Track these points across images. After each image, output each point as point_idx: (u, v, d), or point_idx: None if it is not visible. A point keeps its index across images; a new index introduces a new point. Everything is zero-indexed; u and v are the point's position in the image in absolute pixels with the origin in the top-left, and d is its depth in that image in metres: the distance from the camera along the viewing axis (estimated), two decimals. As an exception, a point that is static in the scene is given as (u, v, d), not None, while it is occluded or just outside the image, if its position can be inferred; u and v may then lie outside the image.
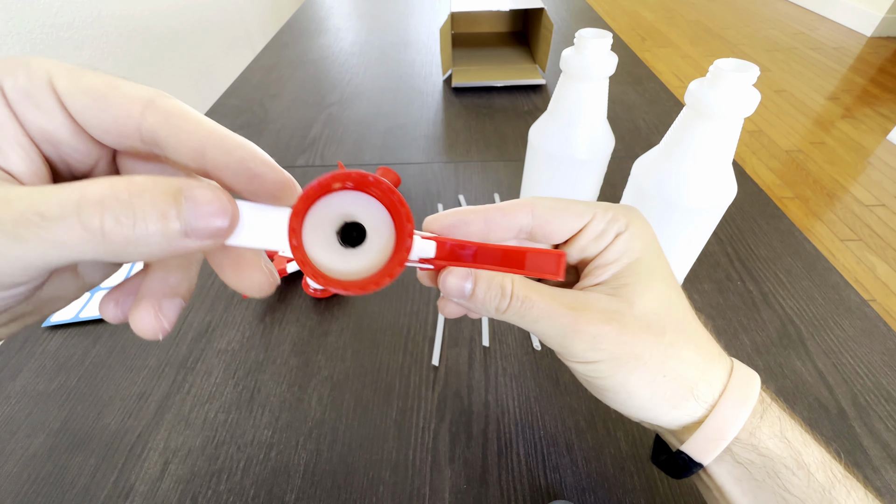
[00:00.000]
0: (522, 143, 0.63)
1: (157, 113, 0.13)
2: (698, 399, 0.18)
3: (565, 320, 0.18)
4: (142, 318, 0.15)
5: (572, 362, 0.19)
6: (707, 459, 0.19)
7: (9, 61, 0.13)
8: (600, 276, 0.19)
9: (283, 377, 0.36)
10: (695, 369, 0.18)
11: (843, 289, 0.42)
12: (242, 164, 0.14)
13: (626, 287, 0.18)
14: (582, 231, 0.19)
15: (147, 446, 0.33)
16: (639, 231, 0.19)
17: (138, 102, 0.13)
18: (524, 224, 0.19)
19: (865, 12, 2.57)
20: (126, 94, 0.13)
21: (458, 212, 0.18)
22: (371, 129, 0.67)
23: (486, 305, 0.18)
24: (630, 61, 0.83)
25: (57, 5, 0.93)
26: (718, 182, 0.32)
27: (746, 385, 0.19)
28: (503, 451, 0.32)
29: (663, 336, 0.18)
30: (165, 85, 1.26)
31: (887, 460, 0.31)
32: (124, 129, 0.13)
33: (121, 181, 0.11)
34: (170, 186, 0.11)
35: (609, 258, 0.19)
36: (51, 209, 0.10)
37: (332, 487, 0.30)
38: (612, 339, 0.18)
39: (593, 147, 0.38)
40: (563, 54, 0.35)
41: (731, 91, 0.28)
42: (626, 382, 0.18)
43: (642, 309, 0.18)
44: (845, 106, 2.00)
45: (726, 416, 0.18)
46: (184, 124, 0.13)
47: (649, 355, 0.18)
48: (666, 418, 0.19)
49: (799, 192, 1.56)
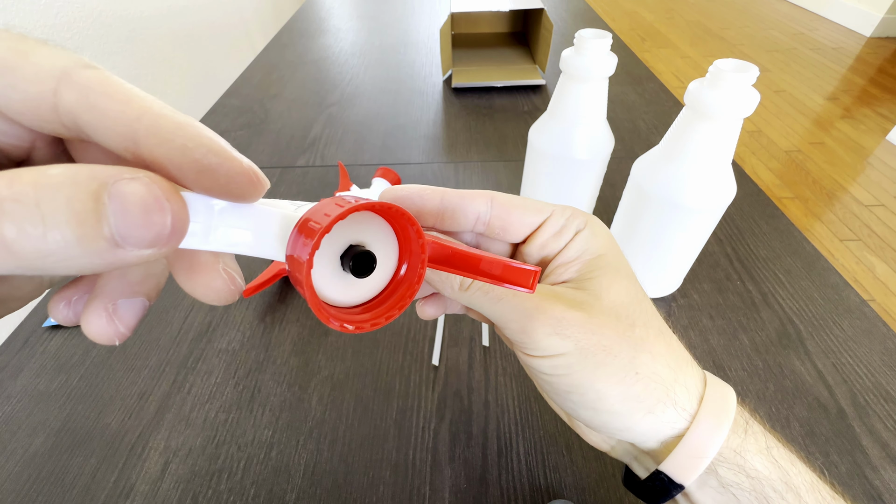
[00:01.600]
0: (522, 144, 0.63)
1: (73, 89, 0.10)
2: (676, 405, 0.17)
3: (529, 303, 0.16)
4: (92, 321, 0.12)
5: (534, 357, 0.17)
6: (689, 479, 0.17)
7: None
8: (563, 275, 0.18)
9: (284, 377, 0.36)
10: (668, 369, 0.17)
11: (842, 289, 0.42)
12: (186, 155, 0.11)
13: (592, 281, 0.18)
14: (541, 228, 0.19)
15: (147, 446, 0.33)
16: (598, 229, 0.19)
17: (49, 76, 0.10)
18: (482, 212, 0.18)
19: (865, 13, 2.57)
20: (36, 64, 0.10)
21: (415, 186, 0.18)
22: (371, 130, 0.67)
23: (451, 278, 0.17)
24: (630, 62, 0.83)
25: (57, 6, 0.93)
26: (718, 182, 0.32)
27: (723, 397, 0.18)
28: (503, 451, 0.32)
29: (633, 329, 0.17)
30: (166, 85, 1.26)
31: (886, 460, 0.31)
32: (39, 111, 0.10)
33: (27, 174, 0.08)
34: (91, 180, 0.09)
35: (570, 255, 0.18)
36: None
37: (332, 487, 0.30)
38: (578, 326, 0.16)
39: (593, 147, 0.38)
40: (562, 55, 0.35)
41: (731, 91, 0.28)
42: (594, 379, 0.16)
43: (609, 301, 0.17)
44: (845, 106, 2.00)
45: (708, 428, 0.17)
46: (107, 103, 0.10)
47: (619, 348, 0.16)
48: (641, 427, 0.17)
49: (798, 193, 1.56)
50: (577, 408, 0.17)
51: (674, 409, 0.17)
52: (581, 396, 0.17)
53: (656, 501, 0.18)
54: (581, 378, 0.16)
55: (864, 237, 1.39)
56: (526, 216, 0.18)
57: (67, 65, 0.10)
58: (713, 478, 0.17)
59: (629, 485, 0.20)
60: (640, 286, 0.19)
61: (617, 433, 0.18)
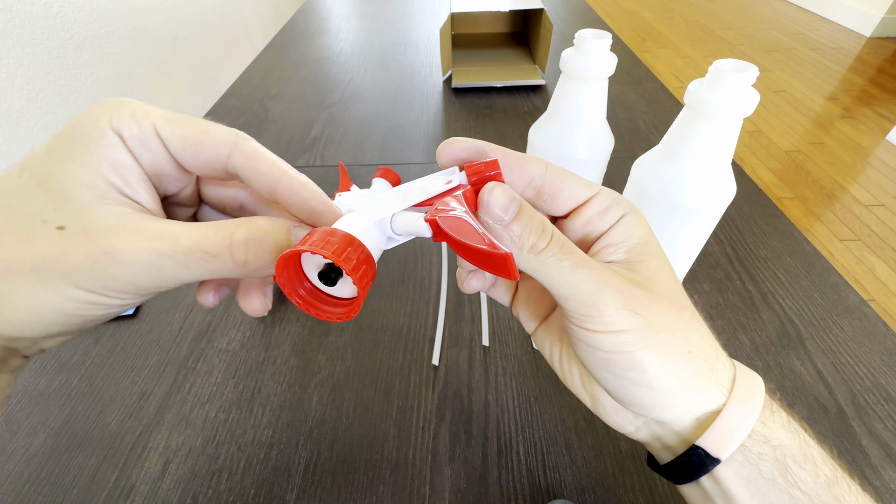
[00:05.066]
0: (522, 144, 0.63)
1: (240, 155, 0.17)
2: (718, 382, 0.18)
3: (604, 275, 0.16)
4: (254, 300, 0.20)
5: (598, 333, 0.16)
6: (725, 453, 0.17)
7: (116, 109, 0.16)
8: (611, 255, 0.18)
9: (284, 377, 0.36)
10: (712, 349, 0.18)
11: (842, 289, 0.42)
12: (305, 203, 0.18)
13: (642, 264, 0.18)
14: (587, 203, 0.19)
15: (148, 446, 0.33)
16: (640, 216, 0.19)
17: (225, 146, 0.17)
18: (536, 176, 0.18)
19: (864, 13, 2.57)
20: (215, 137, 0.17)
21: (478, 142, 0.18)
22: (371, 130, 0.67)
23: (524, 239, 0.16)
24: (630, 62, 0.83)
25: (58, 6, 0.93)
26: (718, 182, 0.32)
27: (752, 377, 0.19)
28: (503, 451, 0.32)
29: (684, 311, 0.18)
30: (166, 85, 1.26)
31: (886, 460, 0.31)
32: (214, 166, 0.17)
33: (253, 225, 0.16)
34: (283, 227, 0.17)
35: (617, 237, 0.18)
36: (212, 248, 0.15)
37: (333, 487, 0.30)
38: (646, 304, 0.16)
39: (593, 147, 0.38)
40: (562, 55, 0.36)
41: (731, 91, 0.28)
42: (654, 357, 0.16)
43: (662, 284, 0.18)
44: (844, 106, 2.01)
45: (743, 404, 0.17)
46: (261, 166, 0.17)
47: (677, 327, 0.17)
48: (683, 406, 0.17)
49: (798, 193, 1.56)
50: (629, 385, 0.17)
51: (716, 385, 0.17)
52: (640, 374, 0.17)
53: (686, 479, 0.18)
54: (643, 355, 0.16)
55: (864, 237, 1.39)
56: (576, 189, 0.18)
57: (235, 139, 0.17)
58: (739, 452, 0.17)
59: (654, 465, 0.21)
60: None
61: (660, 411, 0.18)
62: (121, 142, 0.16)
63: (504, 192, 0.16)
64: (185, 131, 0.16)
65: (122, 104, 0.16)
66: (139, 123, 0.16)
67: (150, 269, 0.15)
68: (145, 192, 0.16)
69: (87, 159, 0.15)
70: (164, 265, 0.15)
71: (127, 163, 0.16)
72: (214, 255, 0.15)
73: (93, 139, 0.15)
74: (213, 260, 0.15)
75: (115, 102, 0.16)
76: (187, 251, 0.15)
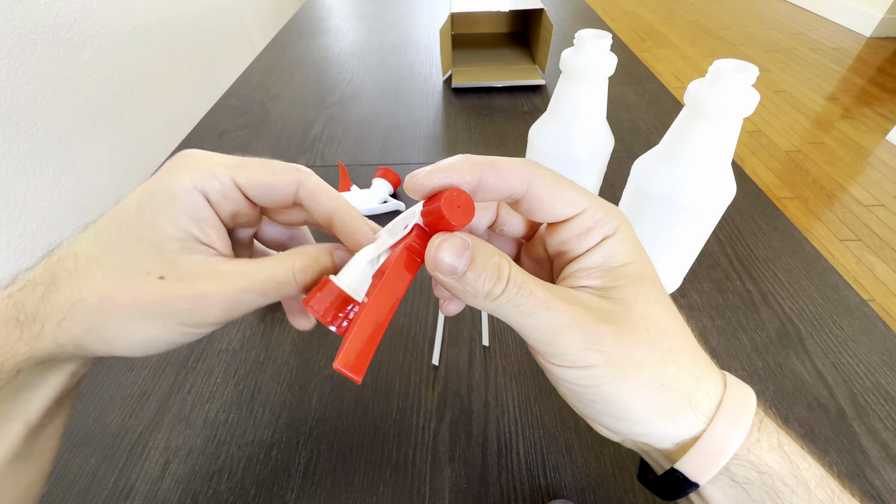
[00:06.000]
0: (522, 144, 0.63)
1: (305, 191, 0.21)
2: (696, 411, 0.17)
3: (564, 317, 0.16)
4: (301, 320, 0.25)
5: (562, 367, 0.17)
6: (704, 478, 0.17)
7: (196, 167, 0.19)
8: (583, 280, 0.18)
9: (284, 377, 0.36)
10: (692, 378, 0.17)
11: (842, 289, 0.42)
12: (353, 237, 0.21)
13: (619, 290, 0.17)
14: (567, 223, 0.18)
15: (148, 446, 0.33)
16: (626, 235, 0.18)
17: (293, 184, 0.21)
18: (516, 190, 0.17)
19: (864, 13, 2.57)
20: (283, 179, 0.21)
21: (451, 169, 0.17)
22: (371, 130, 0.67)
23: (477, 288, 0.16)
24: (630, 62, 0.83)
25: (58, 6, 0.93)
26: (718, 182, 0.32)
27: (743, 397, 0.18)
28: (503, 451, 0.32)
29: (661, 340, 0.17)
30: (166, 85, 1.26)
31: (886, 460, 0.31)
32: (283, 202, 0.21)
33: (306, 255, 0.20)
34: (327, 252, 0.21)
35: (593, 261, 0.18)
36: (281, 277, 0.19)
37: (333, 487, 0.30)
38: (610, 340, 0.16)
39: (593, 147, 0.38)
40: (562, 55, 0.36)
41: (731, 91, 0.28)
42: (621, 391, 0.16)
43: (638, 312, 0.17)
44: (844, 106, 2.01)
45: (725, 429, 0.17)
46: (322, 200, 0.21)
47: (647, 361, 0.16)
48: (660, 434, 0.17)
49: (798, 193, 1.56)
50: (599, 415, 0.18)
51: (693, 414, 0.17)
52: (606, 406, 0.17)
53: (670, 497, 0.19)
54: (609, 389, 0.16)
55: (864, 237, 1.39)
56: (557, 206, 0.18)
57: (300, 178, 0.21)
58: (725, 473, 0.17)
59: (644, 480, 0.21)
60: (665, 292, 0.18)
61: (636, 436, 0.18)
62: (203, 199, 0.19)
63: (451, 247, 0.16)
64: (258, 177, 0.20)
65: (199, 162, 0.20)
66: (220, 179, 0.19)
67: (235, 304, 0.18)
68: (218, 238, 0.20)
69: (173, 216, 0.18)
70: (246, 298, 0.18)
71: (205, 216, 0.19)
72: (283, 282, 0.19)
73: (177, 198, 0.19)
74: (282, 287, 0.19)
75: (192, 159, 0.20)
76: (263, 283, 0.19)
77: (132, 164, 1.12)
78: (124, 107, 1.10)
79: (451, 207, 0.16)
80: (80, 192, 0.98)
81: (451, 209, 0.16)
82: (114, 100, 1.07)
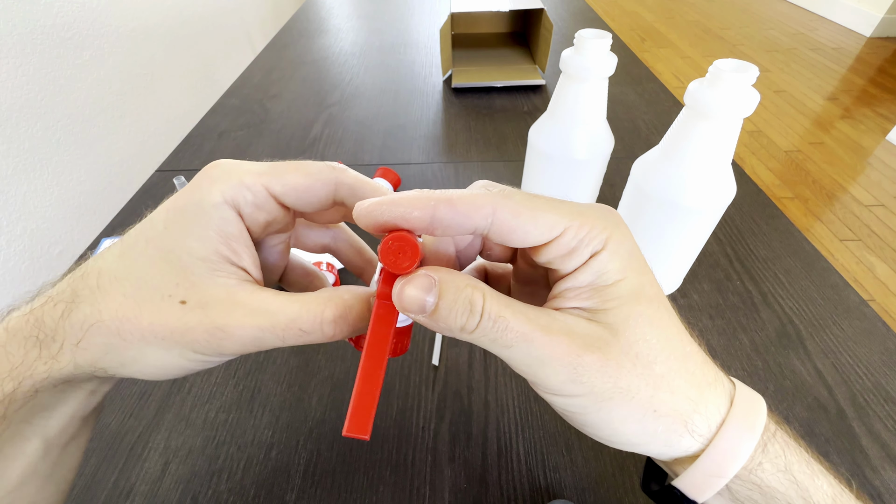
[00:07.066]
0: (522, 144, 0.63)
1: (346, 189, 0.20)
2: (693, 433, 0.16)
3: (544, 349, 0.15)
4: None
5: (548, 394, 0.16)
6: (702, 497, 0.17)
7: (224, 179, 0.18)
8: (572, 300, 0.17)
9: (284, 377, 0.36)
10: (688, 401, 0.16)
11: (842, 289, 0.42)
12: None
13: (608, 312, 0.16)
14: (550, 245, 0.16)
15: (147, 446, 0.33)
16: (618, 247, 0.16)
17: (330, 184, 0.19)
18: (480, 225, 0.16)
19: (865, 13, 2.57)
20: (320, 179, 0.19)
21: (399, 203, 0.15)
22: (371, 130, 0.67)
23: (450, 324, 0.15)
24: (629, 62, 0.83)
25: (58, 5, 0.93)
26: (718, 182, 0.32)
27: (751, 413, 0.17)
28: (503, 451, 0.32)
29: (653, 366, 0.16)
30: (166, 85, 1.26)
31: (886, 460, 0.31)
32: (322, 205, 0.20)
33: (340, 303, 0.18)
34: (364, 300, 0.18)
35: (582, 281, 0.16)
36: (306, 326, 0.17)
37: (332, 487, 0.30)
38: (595, 371, 0.15)
39: (593, 147, 0.38)
40: (562, 55, 0.36)
41: (731, 91, 0.28)
42: (610, 419, 0.16)
43: (628, 337, 0.16)
44: (844, 106, 2.01)
45: (726, 450, 0.16)
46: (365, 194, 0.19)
47: (637, 388, 0.16)
48: (655, 453, 0.17)
49: (798, 193, 1.56)
50: (592, 435, 0.17)
51: (691, 437, 0.16)
52: (596, 430, 0.17)
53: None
54: (596, 417, 0.16)
55: (864, 237, 1.39)
56: (532, 234, 0.16)
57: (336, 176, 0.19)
58: (725, 492, 0.17)
59: (647, 491, 0.20)
60: (665, 302, 0.17)
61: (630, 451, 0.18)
62: (234, 213, 0.18)
63: (416, 287, 0.15)
64: (293, 182, 0.19)
65: (228, 173, 0.18)
66: (252, 189, 0.18)
67: (253, 341, 0.17)
68: (248, 257, 0.19)
69: (201, 234, 0.17)
70: (264, 338, 0.17)
71: (235, 234, 0.18)
72: (308, 332, 0.17)
73: (207, 213, 0.17)
74: (305, 335, 0.17)
75: (220, 170, 0.18)
76: (285, 327, 0.17)
77: (132, 164, 1.12)
78: (124, 107, 1.10)
79: (389, 256, 0.15)
80: (80, 192, 0.98)
81: (390, 258, 0.15)
82: (114, 100, 1.07)
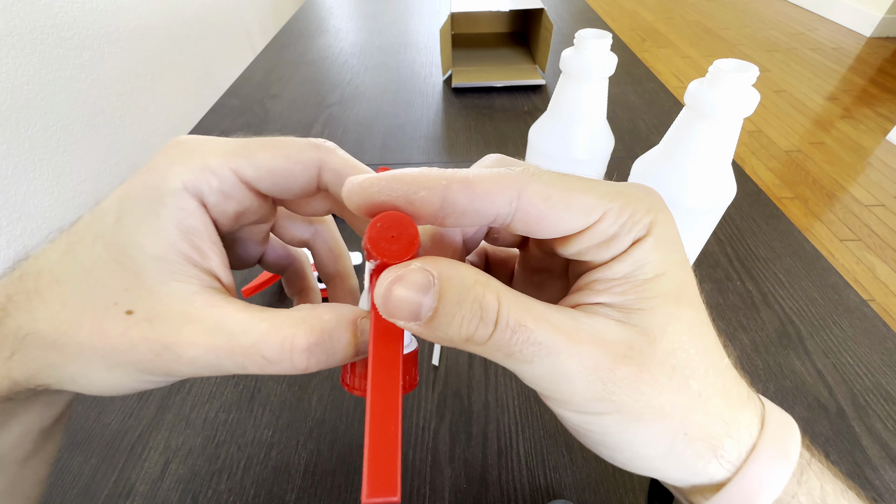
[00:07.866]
0: (522, 144, 0.63)
1: (330, 172, 0.16)
2: (721, 460, 0.14)
3: (570, 363, 0.12)
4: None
5: (565, 411, 0.14)
6: None
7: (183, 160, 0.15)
8: (602, 294, 0.14)
9: (284, 377, 0.36)
10: (722, 423, 0.14)
11: (842, 289, 0.42)
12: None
13: (644, 313, 0.13)
14: (584, 233, 0.13)
15: (147, 446, 0.33)
16: (663, 236, 0.14)
17: (313, 167, 0.16)
18: (502, 212, 0.13)
19: (865, 13, 2.57)
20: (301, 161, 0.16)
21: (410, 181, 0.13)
22: (371, 130, 0.67)
23: (453, 333, 0.12)
24: (630, 62, 0.83)
25: (58, 5, 0.93)
26: (718, 182, 0.32)
27: (784, 437, 0.14)
28: (503, 451, 0.32)
29: (690, 382, 0.13)
30: (166, 85, 1.26)
31: (886, 460, 0.31)
32: (304, 191, 0.17)
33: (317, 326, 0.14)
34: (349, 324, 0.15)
35: (619, 271, 0.14)
36: (271, 353, 0.14)
37: (333, 487, 0.30)
38: (627, 388, 0.13)
39: (593, 147, 0.38)
40: (562, 55, 0.36)
41: (731, 91, 0.28)
42: (634, 441, 0.14)
43: (665, 345, 0.13)
44: (844, 106, 2.01)
45: (759, 479, 0.14)
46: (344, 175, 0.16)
47: (670, 409, 0.13)
48: (674, 479, 0.15)
49: (798, 193, 1.56)
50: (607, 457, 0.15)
51: (718, 463, 0.14)
52: (616, 452, 0.14)
53: None
54: (619, 439, 0.14)
55: (864, 237, 1.39)
56: (564, 220, 0.13)
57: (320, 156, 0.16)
58: None
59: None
60: (704, 309, 0.15)
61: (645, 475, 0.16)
62: (195, 203, 0.15)
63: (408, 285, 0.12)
64: (267, 164, 0.16)
65: (188, 154, 0.15)
66: (217, 174, 0.15)
67: (206, 365, 0.14)
68: (215, 256, 0.16)
69: (157, 227, 0.14)
70: (220, 363, 0.14)
71: (198, 228, 0.15)
72: (273, 361, 0.14)
73: (163, 203, 0.14)
74: (270, 366, 0.14)
75: (180, 149, 0.15)
76: (244, 353, 0.14)
77: (132, 164, 1.12)
78: (124, 107, 1.10)
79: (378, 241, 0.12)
80: (80, 192, 0.98)
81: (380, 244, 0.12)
82: (114, 100, 1.07)
